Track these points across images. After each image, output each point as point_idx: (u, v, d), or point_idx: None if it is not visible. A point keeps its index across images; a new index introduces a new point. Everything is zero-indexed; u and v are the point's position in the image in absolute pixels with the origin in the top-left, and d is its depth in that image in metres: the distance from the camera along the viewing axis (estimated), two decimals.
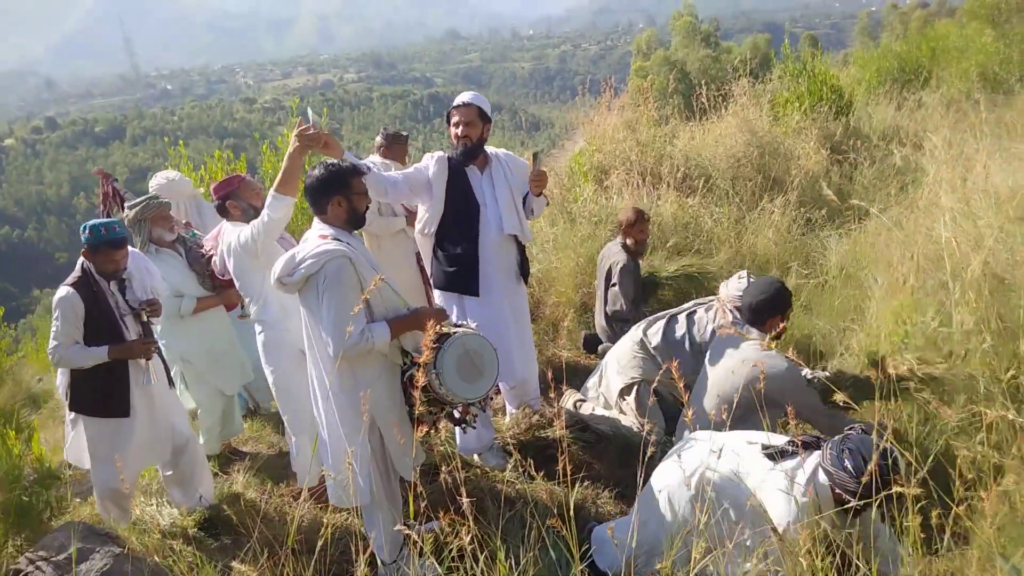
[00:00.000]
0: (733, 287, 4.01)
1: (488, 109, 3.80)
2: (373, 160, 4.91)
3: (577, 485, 3.53)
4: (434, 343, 2.82)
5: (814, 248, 5.72)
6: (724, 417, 2.75)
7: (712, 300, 4.23)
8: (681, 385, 2.07)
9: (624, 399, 4.18)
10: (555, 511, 2.69)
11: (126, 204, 4.29)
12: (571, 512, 1.92)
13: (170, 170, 5.23)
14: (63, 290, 3.33)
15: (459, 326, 2.96)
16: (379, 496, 2.97)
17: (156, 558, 3.15)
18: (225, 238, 3.63)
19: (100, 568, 3.03)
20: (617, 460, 3.81)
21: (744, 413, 2.96)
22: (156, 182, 4.87)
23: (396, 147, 5.11)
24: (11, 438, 3.79)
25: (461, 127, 3.72)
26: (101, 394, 3.38)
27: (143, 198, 4.12)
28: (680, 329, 4.13)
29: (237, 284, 3.68)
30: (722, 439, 2.63)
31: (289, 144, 3.24)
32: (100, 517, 3.60)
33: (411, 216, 5.10)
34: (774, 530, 2.32)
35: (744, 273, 4.11)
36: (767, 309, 3.38)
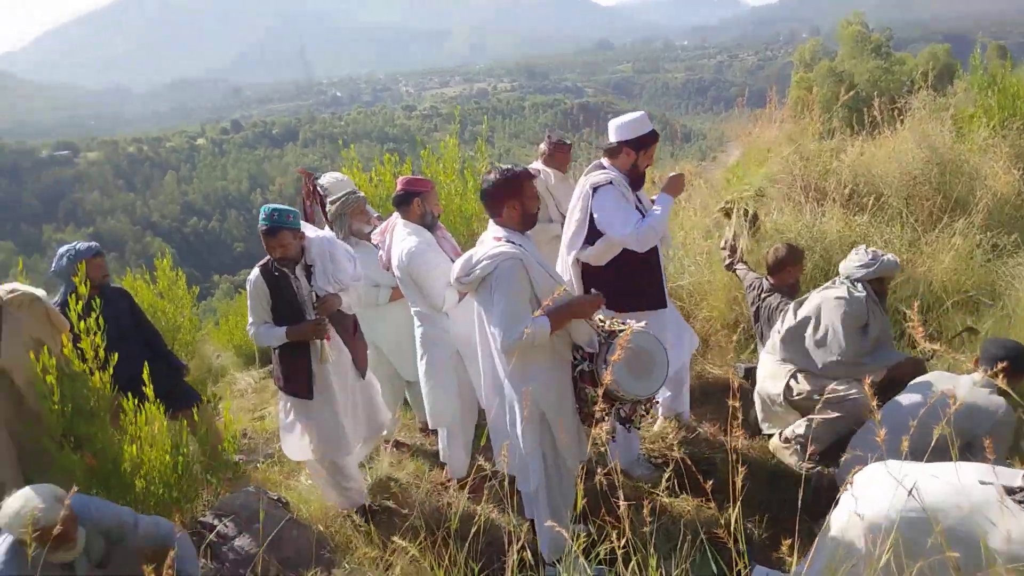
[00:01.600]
0: (852, 261, 4.07)
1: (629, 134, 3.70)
2: (535, 167, 5.04)
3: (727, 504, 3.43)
4: (606, 338, 2.91)
5: (1001, 277, 5.22)
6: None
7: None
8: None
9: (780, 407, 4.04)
10: (697, 526, 2.64)
11: (327, 199, 4.54)
12: (733, 530, 1.89)
13: (337, 172, 5.57)
14: (253, 272, 3.59)
15: (624, 324, 3.00)
16: (549, 491, 3.06)
17: (320, 527, 3.41)
18: (398, 237, 3.82)
19: (272, 529, 3.33)
20: (770, 483, 3.67)
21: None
22: (325, 180, 5.20)
23: (559, 154, 5.20)
24: (203, 405, 4.22)
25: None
26: (289, 374, 3.61)
27: (343, 193, 4.39)
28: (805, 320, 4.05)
29: (408, 280, 3.84)
30: (923, 474, 2.26)
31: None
32: (271, 482, 3.96)
33: None
34: None
35: (862, 247, 4.11)
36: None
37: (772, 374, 4.09)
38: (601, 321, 3.07)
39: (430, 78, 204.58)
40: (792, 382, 3.97)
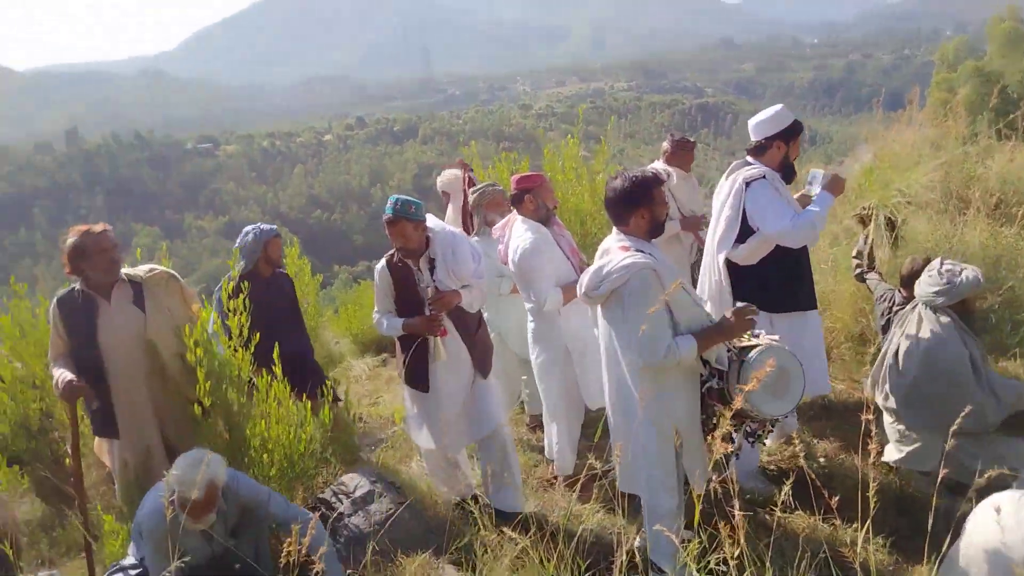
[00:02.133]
0: (926, 284, 3.61)
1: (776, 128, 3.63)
2: (657, 166, 4.98)
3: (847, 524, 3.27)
4: (736, 354, 2.80)
5: None
6: None
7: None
8: None
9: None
10: (815, 543, 2.53)
11: (469, 191, 4.66)
12: (860, 550, 1.80)
13: (453, 169, 5.69)
14: (380, 262, 3.68)
15: (756, 336, 2.89)
16: (663, 497, 2.97)
17: (430, 513, 3.53)
18: (515, 233, 3.89)
19: (385, 511, 3.48)
20: (896, 506, 3.46)
21: None
22: (443, 178, 5.31)
23: (683, 152, 5.12)
24: (327, 388, 4.44)
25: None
26: (409, 366, 3.63)
27: (482, 185, 4.53)
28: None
29: (519, 276, 3.91)
30: None
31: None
32: (385, 466, 4.12)
33: (685, 221, 5.09)
34: None
35: (936, 264, 3.64)
36: None
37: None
38: None
39: (547, 77, 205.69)
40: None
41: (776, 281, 3.60)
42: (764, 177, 3.52)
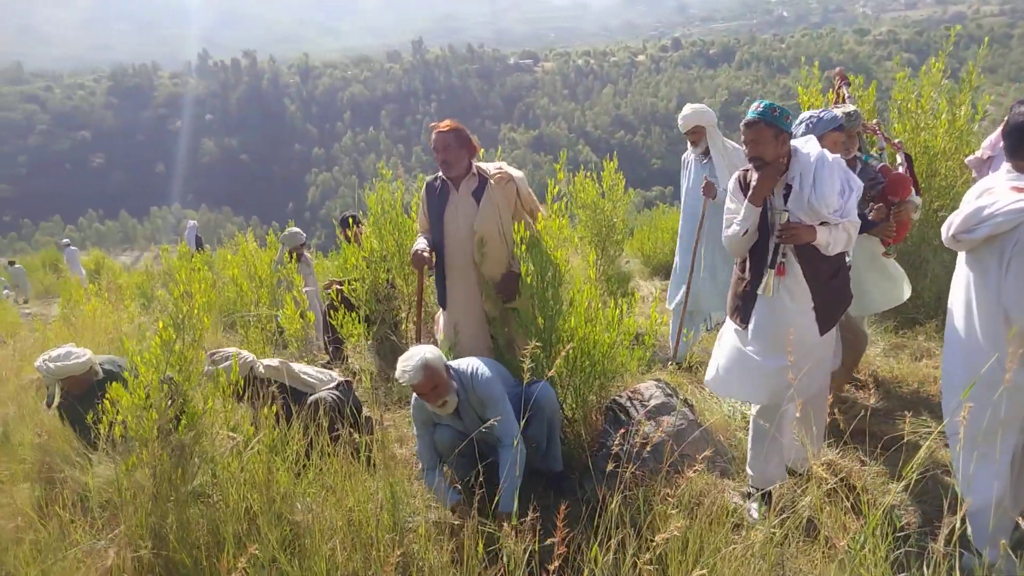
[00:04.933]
0: None
1: None
2: None
3: None
4: None
5: None
6: None
7: None
8: None
9: None
10: None
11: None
12: None
13: (698, 104, 5.29)
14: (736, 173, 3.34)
15: None
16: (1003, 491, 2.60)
17: (721, 437, 3.53)
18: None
19: (674, 424, 3.55)
20: None
21: None
22: (681, 114, 5.14)
23: None
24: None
25: None
26: (735, 296, 3.30)
27: (846, 112, 3.90)
28: None
29: None
30: None
31: None
32: (678, 384, 4.19)
33: None
34: None
35: None
36: None
37: None
38: None
39: None
40: None
41: None
42: None
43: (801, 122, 3.57)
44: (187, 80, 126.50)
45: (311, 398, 3.76)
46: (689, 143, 5.22)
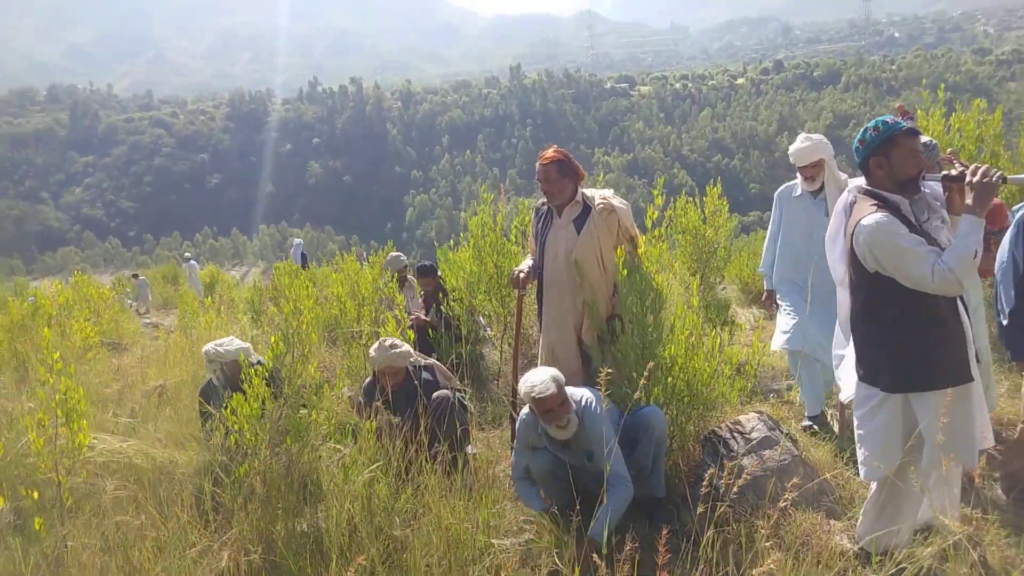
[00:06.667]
0: None
1: None
2: None
3: None
4: None
5: None
6: None
7: None
8: None
9: None
10: None
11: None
12: None
13: (813, 134, 4.73)
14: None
15: None
16: None
17: (827, 475, 3.37)
18: None
19: (778, 459, 3.42)
20: None
21: None
22: (794, 146, 4.39)
23: None
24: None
25: None
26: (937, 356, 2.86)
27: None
28: None
29: None
30: None
31: None
32: (780, 417, 4.04)
33: None
34: None
35: None
36: None
37: None
38: None
39: (1019, 15, 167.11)
40: None
41: None
42: None
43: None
44: (298, 106, 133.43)
45: (437, 393, 3.90)
46: (802, 179, 4.43)
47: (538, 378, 3.18)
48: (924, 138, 3.87)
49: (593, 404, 3.31)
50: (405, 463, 3.15)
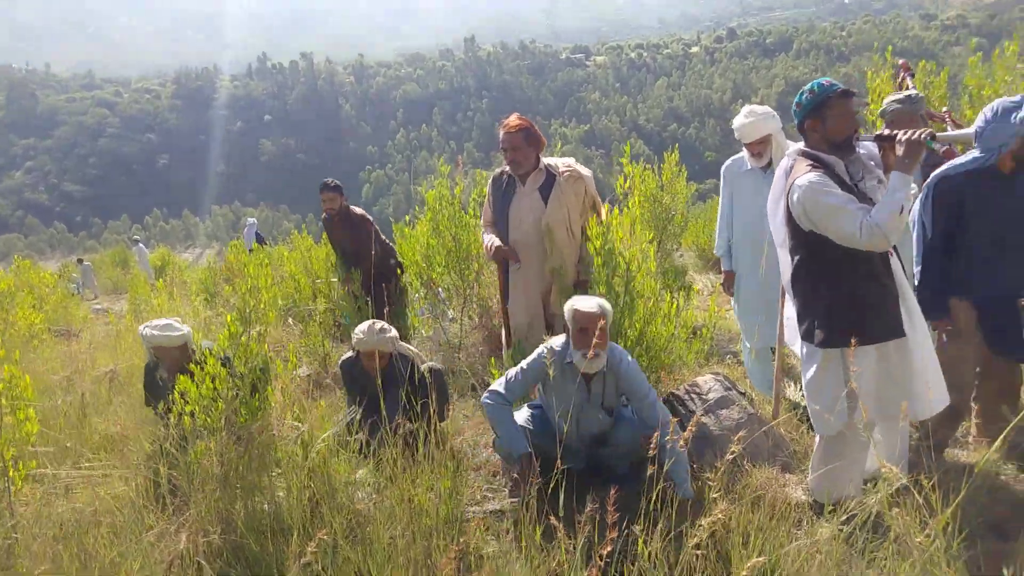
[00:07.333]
0: None
1: None
2: None
3: None
4: None
5: None
6: None
7: None
8: None
9: None
10: None
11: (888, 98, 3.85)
12: None
13: (757, 106, 4.54)
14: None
15: None
16: None
17: (782, 431, 3.45)
18: None
19: (736, 418, 3.49)
20: None
21: None
22: (738, 121, 4.12)
23: None
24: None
25: None
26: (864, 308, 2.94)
27: (904, 94, 3.76)
28: None
29: None
30: None
31: None
32: (736, 377, 4.12)
33: None
34: None
35: None
36: None
37: None
38: None
39: None
40: None
41: None
42: None
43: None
44: (247, 83, 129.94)
45: (426, 364, 3.85)
46: (748, 154, 4.16)
47: (589, 300, 3.17)
48: (912, 91, 3.89)
49: (629, 358, 3.27)
50: (375, 444, 3.08)
